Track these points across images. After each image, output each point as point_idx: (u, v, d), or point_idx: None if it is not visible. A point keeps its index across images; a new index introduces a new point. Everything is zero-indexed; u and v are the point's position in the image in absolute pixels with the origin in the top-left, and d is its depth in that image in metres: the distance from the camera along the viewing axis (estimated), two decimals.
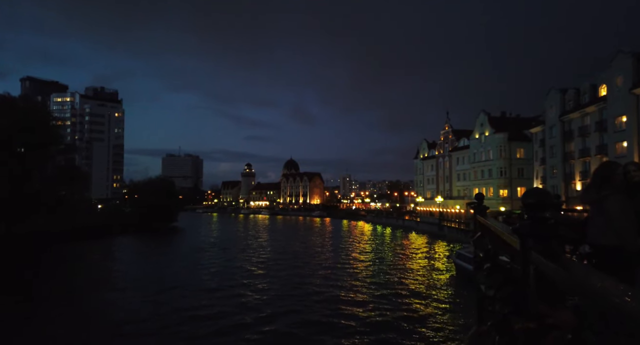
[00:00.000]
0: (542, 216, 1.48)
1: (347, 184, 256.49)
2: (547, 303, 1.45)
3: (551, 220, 1.46)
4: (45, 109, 68.25)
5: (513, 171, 57.14)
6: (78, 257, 39.76)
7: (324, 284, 24.29)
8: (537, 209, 1.48)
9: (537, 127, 51.99)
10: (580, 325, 1.12)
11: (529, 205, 1.50)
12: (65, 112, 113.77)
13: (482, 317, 3.18)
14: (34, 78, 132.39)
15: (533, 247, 1.48)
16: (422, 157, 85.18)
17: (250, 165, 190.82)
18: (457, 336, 14.93)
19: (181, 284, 24.33)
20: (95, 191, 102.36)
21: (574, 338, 1.12)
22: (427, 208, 79.24)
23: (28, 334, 15.64)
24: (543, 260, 1.37)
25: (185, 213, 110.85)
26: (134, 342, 14.30)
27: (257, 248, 44.16)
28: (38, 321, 17.32)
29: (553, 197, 1.59)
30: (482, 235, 3.62)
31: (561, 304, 1.41)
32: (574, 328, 1.15)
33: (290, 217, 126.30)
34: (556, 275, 1.25)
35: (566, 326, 1.20)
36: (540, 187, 42.38)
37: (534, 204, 1.48)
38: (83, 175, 68.05)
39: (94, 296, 22.27)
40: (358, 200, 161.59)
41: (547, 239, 1.45)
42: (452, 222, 56.61)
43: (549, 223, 1.45)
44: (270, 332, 15.39)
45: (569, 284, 1.14)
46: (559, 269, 1.23)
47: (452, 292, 22.50)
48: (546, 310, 1.41)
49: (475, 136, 63.10)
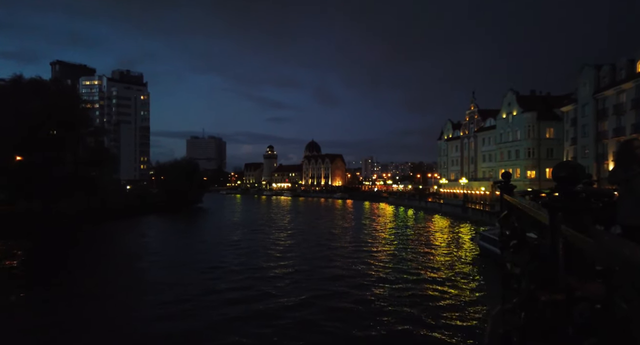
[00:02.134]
0: (573, 189, 1.46)
1: (369, 166, 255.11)
2: (575, 276, 1.45)
3: (582, 194, 1.44)
4: (75, 92, 70.27)
5: (542, 151, 55.37)
6: (110, 236, 41.57)
7: (347, 265, 24.60)
8: (568, 183, 1.47)
9: (569, 105, 49.91)
10: (610, 295, 1.12)
11: (560, 179, 1.48)
12: (94, 95, 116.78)
13: (507, 295, 3.19)
14: (63, 62, 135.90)
15: (563, 221, 1.47)
16: (446, 138, 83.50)
17: (273, 148, 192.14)
18: (481, 316, 14.94)
19: (209, 264, 25.13)
20: (123, 172, 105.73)
21: (604, 307, 1.13)
22: (450, 190, 78.18)
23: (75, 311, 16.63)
24: (573, 232, 1.37)
25: (209, 194, 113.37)
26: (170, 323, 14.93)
27: (282, 229, 44.91)
28: (81, 299, 18.35)
29: (585, 170, 1.57)
30: (508, 213, 3.58)
31: (590, 276, 1.41)
32: (603, 298, 1.16)
33: (312, 198, 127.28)
34: (586, 245, 1.25)
35: (595, 297, 1.21)
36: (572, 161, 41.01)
37: (565, 177, 1.47)
38: (112, 156, 70.31)
39: (128, 276, 23.34)
40: (380, 182, 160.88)
41: (578, 213, 1.43)
42: (477, 204, 55.76)
43: (580, 196, 1.44)
44: (298, 313, 15.77)
45: (599, 253, 1.14)
46: (589, 239, 1.23)
47: (476, 273, 22.39)
48: (575, 283, 1.41)
49: (503, 116, 61.20)
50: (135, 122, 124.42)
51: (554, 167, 1.55)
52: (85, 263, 26.09)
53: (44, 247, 32.35)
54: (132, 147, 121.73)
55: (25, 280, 21.77)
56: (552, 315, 1.64)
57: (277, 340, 12.82)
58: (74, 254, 29.83)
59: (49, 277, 21.87)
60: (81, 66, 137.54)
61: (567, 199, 1.46)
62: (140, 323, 14.53)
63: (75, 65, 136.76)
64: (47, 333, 13.52)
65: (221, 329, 13.76)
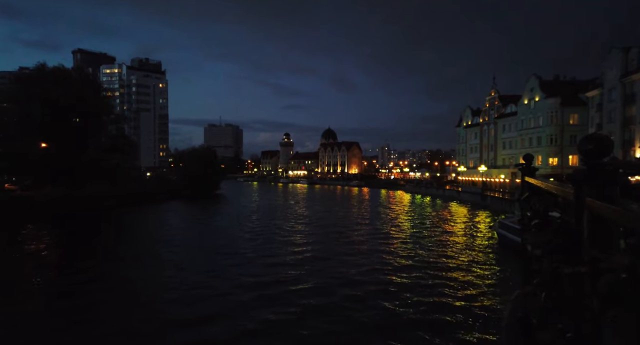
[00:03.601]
0: (600, 162, 1.44)
1: (386, 154, 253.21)
2: (600, 249, 1.44)
3: (610, 167, 1.42)
4: (97, 80, 71.59)
5: (565, 138, 53.93)
6: (133, 221, 42.75)
7: (364, 251, 24.71)
8: (594, 155, 1.44)
9: (594, 90, 48.19)
10: (636, 264, 1.12)
11: (587, 152, 1.46)
12: (114, 83, 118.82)
13: (528, 278, 3.17)
14: (84, 50, 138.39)
15: (588, 194, 1.45)
16: (465, 125, 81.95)
17: (289, 135, 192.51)
18: (499, 301, 14.88)
19: (226, 250, 25.63)
20: (143, 160, 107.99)
21: (629, 277, 1.13)
22: (469, 178, 77.09)
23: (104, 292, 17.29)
24: (598, 203, 1.35)
25: (227, 181, 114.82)
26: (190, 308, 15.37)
27: (299, 215, 45.30)
28: (105, 282, 19.04)
29: (613, 143, 1.53)
30: (530, 195, 3.54)
31: (615, 248, 1.40)
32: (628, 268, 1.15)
33: (328, 186, 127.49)
34: (612, 214, 1.24)
35: (620, 267, 1.21)
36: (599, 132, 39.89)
37: (592, 149, 1.44)
38: (133, 144, 71.81)
39: (150, 260, 24.04)
40: (397, 170, 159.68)
41: (605, 186, 1.41)
42: (496, 192, 54.89)
43: (607, 169, 1.41)
44: (314, 299, 16.00)
45: (626, 221, 1.13)
46: (615, 208, 1.22)
47: (494, 261, 22.20)
48: (599, 254, 1.41)
49: (524, 102, 59.64)
50: (154, 110, 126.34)
51: (580, 140, 1.52)
52: (109, 247, 26.98)
53: (69, 231, 33.54)
54: (151, 134, 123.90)
55: (52, 263, 22.66)
56: (574, 290, 1.64)
57: (297, 324, 13.06)
58: (98, 238, 30.84)
59: (75, 260, 22.71)
60: (102, 54, 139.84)
61: (593, 172, 1.43)
62: (160, 308, 15.02)
63: (96, 53, 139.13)
64: (76, 314, 14.13)
65: (240, 313, 14.10)
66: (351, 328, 12.72)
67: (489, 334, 12.18)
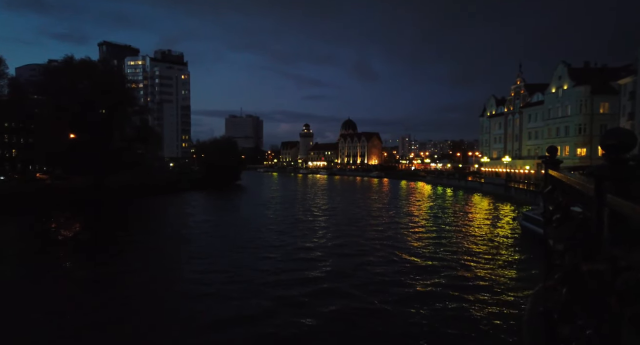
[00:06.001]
0: (622, 157, 1.40)
1: (406, 144, 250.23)
2: (621, 246, 1.42)
3: (632, 162, 1.38)
4: (121, 72, 73.11)
5: (594, 128, 51.96)
6: (157, 210, 43.89)
7: (386, 242, 24.65)
8: (617, 151, 1.41)
9: (627, 77, 46.02)
10: None
11: (609, 147, 1.43)
12: (138, 75, 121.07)
13: (550, 272, 3.12)
14: (110, 42, 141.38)
15: (609, 190, 1.43)
16: (489, 115, 79.98)
17: (309, 126, 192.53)
18: (522, 295, 14.65)
19: (253, 239, 26.01)
20: (166, 150, 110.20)
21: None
22: (492, 169, 75.48)
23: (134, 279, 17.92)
24: (619, 201, 1.33)
25: (247, 172, 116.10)
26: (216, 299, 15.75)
27: (319, 205, 45.49)
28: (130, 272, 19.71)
29: (637, 139, 1.49)
30: (553, 188, 3.47)
31: (636, 246, 1.38)
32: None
33: (347, 177, 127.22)
34: (633, 212, 1.22)
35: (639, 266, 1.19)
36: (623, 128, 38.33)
37: (615, 145, 1.41)
38: (156, 135, 73.24)
39: (173, 247, 24.69)
40: (417, 161, 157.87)
41: (627, 182, 1.38)
42: (520, 183, 53.56)
43: (628, 164, 1.38)
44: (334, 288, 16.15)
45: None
46: (636, 206, 1.19)
47: (518, 254, 21.80)
48: (619, 252, 1.38)
49: (552, 90, 57.62)
50: (177, 102, 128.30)
51: (603, 134, 1.49)
52: (135, 235, 27.83)
53: (98, 219, 34.79)
54: (174, 125, 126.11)
55: (82, 251, 23.56)
56: (594, 286, 1.62)
57: (318, 311, 13.25)
58: (125, 226, 31.84)
59: (103, 248, 23.57)
60: (126, 46, 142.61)
61: (614, 167, 1.40)
62: (181, 291, 15.47)
63: (120, 45, 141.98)
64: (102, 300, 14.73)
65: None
66: (372, 316, 12.82)
67: (512, 326, 12.05)
